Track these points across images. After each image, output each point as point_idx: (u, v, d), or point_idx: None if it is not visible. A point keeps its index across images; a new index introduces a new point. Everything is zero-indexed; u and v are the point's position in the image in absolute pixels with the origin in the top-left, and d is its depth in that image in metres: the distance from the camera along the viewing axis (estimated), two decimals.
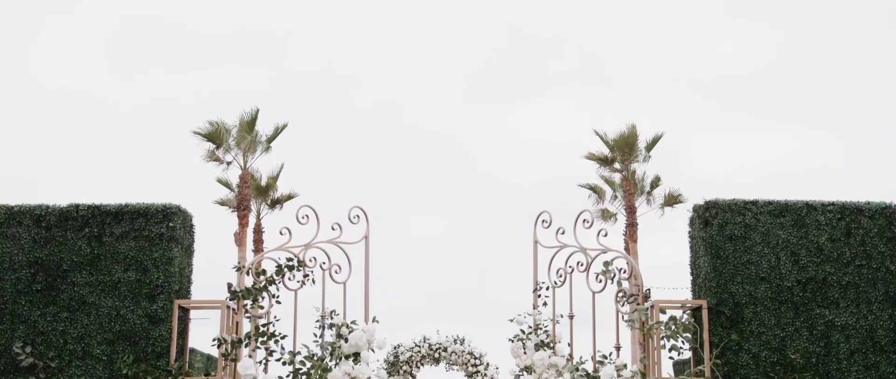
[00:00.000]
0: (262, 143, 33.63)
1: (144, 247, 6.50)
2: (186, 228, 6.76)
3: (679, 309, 6.54)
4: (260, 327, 6.58)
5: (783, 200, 6.56)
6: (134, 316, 6.36)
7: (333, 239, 7.28)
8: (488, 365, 24.18)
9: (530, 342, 7.46)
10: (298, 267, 7.05)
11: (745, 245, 6.46)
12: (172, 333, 6.40)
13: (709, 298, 6.41)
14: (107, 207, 6.58)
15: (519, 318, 7.54)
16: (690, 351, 6.58)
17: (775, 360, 6.21)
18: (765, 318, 6.28)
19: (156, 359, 6.30)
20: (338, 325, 7.24)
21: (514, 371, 7.45)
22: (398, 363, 23.91)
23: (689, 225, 6.91)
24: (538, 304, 7.74)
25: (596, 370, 6.87)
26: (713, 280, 6.42)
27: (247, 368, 6.26)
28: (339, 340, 7.18)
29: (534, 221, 7.86)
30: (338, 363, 7.11)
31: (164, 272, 6.45)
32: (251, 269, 6.75)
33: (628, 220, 27.53)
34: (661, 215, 29.42)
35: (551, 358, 7.24)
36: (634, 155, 31.07)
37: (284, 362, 6.70)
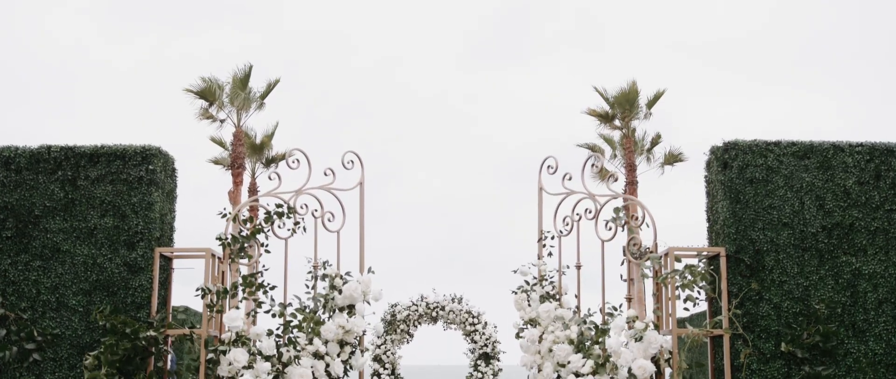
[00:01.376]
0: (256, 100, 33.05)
1: (122, 191, 6.04)
2: (168, 171, 6.30)
3: (695, 258, 6.13)
4: (248, 277, 6.16)
5: (808, 141, 6.12)
6: (112, 265, 5.92)
7: (326, 185, 6.84)
8: (487, 324, 23.96)
9: (535, 294, 7.06)
10: (289, 214, 6.63)
11: (766, 189, 6.02)
12: (153, 283, 5.98)
13: (727, 246, 6.00)
14: (81, 149, 6.11)
15: (523, 268, 7.14)
16: (707, 302, 6.18)
17: (798, 310, 5.81)
18: (787, 266, 5.87)
19: (136, 310, 5.89)
20: (331, 276, 6.83)
21: (517, 324, 7.06)
22: (395, 322, 23.66)
23: (705, 168, 6.47)
24: (543, 254, 7.33)
25: (605, 323, 6.48)
26: (732, 226, 6.00)
27: (233, 320, 5.86)
28: (332, 291, 6.78)
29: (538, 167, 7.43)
30: (331, 316, 6.72)
31: (144, 218, 6.01)
32: (238, 215, 6.31)
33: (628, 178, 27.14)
34: (662, 174, 28.98)
35: (557, 310, 6.85)
36: (635, 112, 30.57)
37: (274, 314, 6.29)
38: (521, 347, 6.98)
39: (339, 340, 6.53)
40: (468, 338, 23.67)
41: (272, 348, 6.04)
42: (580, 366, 6.24)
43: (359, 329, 6.54)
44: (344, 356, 6.55)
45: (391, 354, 23.41)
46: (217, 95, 31.12)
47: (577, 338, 6.51)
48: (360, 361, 6.62)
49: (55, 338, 5.85)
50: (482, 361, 23.55)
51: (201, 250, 6.14)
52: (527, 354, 6.93)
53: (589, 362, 6.17)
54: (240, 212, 6.34)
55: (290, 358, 6.16)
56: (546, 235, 7.31)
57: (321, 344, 6.42)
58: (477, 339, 23.49)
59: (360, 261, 7.00)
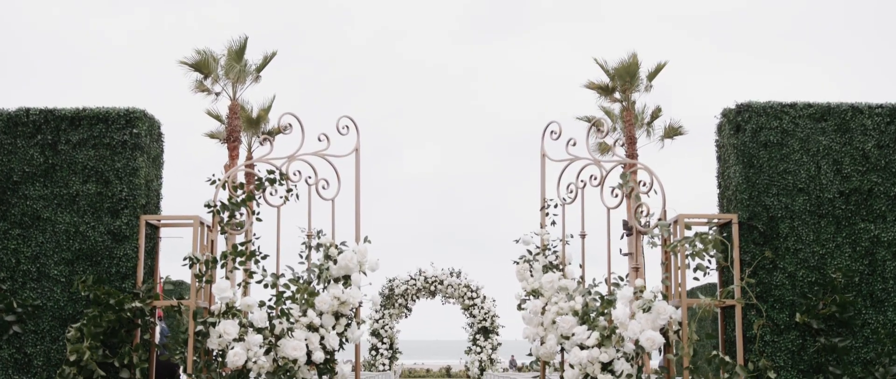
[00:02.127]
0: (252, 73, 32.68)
1: (105, 156, 5.75)
2: (153, 135, 6.01)
3: (705, 225, 5.86)
4: (238, 246, 5.89)
5: (825, 103, 5.83)
6: (95, 233, 5.65)
7: (320, 151, 6.56)
8: (485, 298, 23.80)
9: (538, 264, 6.80)
10: (281, 181, 6.35)
11: (781, 153, 5.74)
12: (139, 252, 5.71)
13: (740, 212, 5.73)
14: (61, 112, 5.81)
15: (525, 237, 6.87)
16: (717, 272, 5.93)
17: (814, 279, 5.56)
18: (802, 233, 5.61)
19: (121, 280, 5.62)
20: (325, 245, 6.56)
21: (519, 295, 6.81)
22: (393, 296, 23.49)
23: (716, 132, 6.19)
24: (546, 223, 7.07)
25: (611, 293, 6.23)
26: (745, 192, 5.73)
27: (223, 291, 5.60)
28: (327, 261, 6.51)
29: (541, 133, 7.15)
30: (326, 287, 6.46)
31: (129, 184, 5.72)
32: (227, 182, 6.03)
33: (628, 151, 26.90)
34: (661, 148, 28.74)
35: (561, 281, 6.59)
36: (635, 84, 30.24)
37: (266, 285, 6.03)
38: (524, 319, 6.74)
39: (335, 311, 6.29)
40: (467, 312, 23.50)
41: (264, 320, 5.79)
42: (585, 338, 5.99)
43: (354, 300, 6.29)
44: (339, 328, 6.30)
45: (389, 329, 23.25)
46: (212, 68, 30.74)
47: (582, 309, 6.26)
48: (356, 333, 6.38)
49: (36, 309, 5.59)
50: (481, 335, 23.40)
51: (189, 218, 5.87)
52: (529, 326, 6.69)
53: (594, 334, 5.93)
54: (230, 178, 6.06)
55: (283, 330, 5.91)
56: (549, 203, 7.04)
57: (315, 316, 6.17)
58: (476, 313, 23.33)
59: (356, 230, 6.74)
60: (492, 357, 23.07)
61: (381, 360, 22.69)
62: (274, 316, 5.90)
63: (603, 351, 5.85)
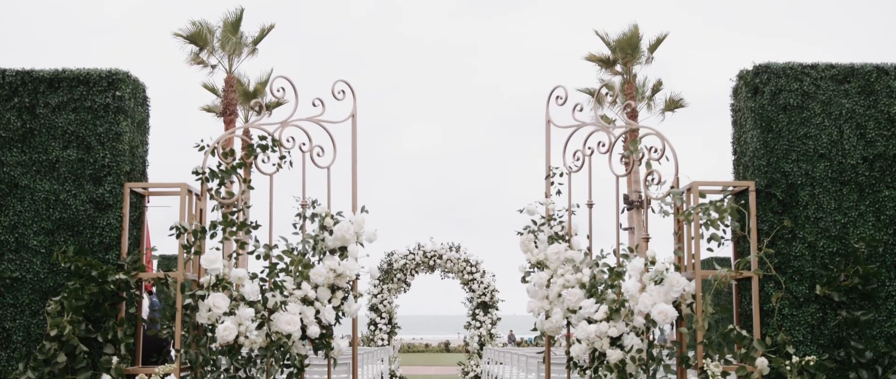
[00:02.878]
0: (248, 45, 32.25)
1: (86, 120, 5.43)
2: (137, 99, 5.68)
3: (720, 193, 5.56)
4: (229, 215, 5.60)
5: (848, 63, 5.51)
6: (76, 201, 5.34)
7: (315, 117, 6.24)
8: (485, 273, 23.56)
9: (543, 234, 6.51)
10: (273, 147, 6.04)
11: (801, 116, 5.43)
12: (123, 222, 5.41)
13: (757, 179, 5.43)
14: (39, 73, 5.48)
15: (530, 207, 6.57)
16: (732, 242, 5.64)
17: (835, 249, 5.27)
18: (823, 201, 5.31)
19: (104, 252, 5.32)
20: (321, 215, 6.27)
21: (523, 267, 6.53)
22: (392, 271, 23.25)
23: (732, 95, 5.88)
24: (551, 192, 6.77)
25: (620, 265, 5.94)
26: (763, 158, 5.42)
27: (212, 262, 5.30)
28: (322, 232, 6.22)
29: (546, 98, 6.83)
30: (321, 259, 6.18)
31: (112, 150, 5.41)
32: (217, 147, 5.72)
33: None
34: (662, 120, 28.40)
35: (567, 252, 6.31)
36: (637, 56, 29.84)
37: (258, 256, 5.74)
38: (528, 292, 6.46)
39: (330, 284, 6.00)
40: (466, 287, 23.27)
41: (256, 293, 5.51)
42: (592, 312, 5.72)
43: (351, 273, 6.01)
44: (335, 302, 6.03)
45: (388, 303, 23.04)
46: (207, 40, 30.31)
47: (589, 282, 5.99)
48: (354, 307, 6.10)
49: (15, 282, 5.29)
50: (480, 310, 23.20)
51: (176, 185, 5.56)
52: (534, 299, 6.41)
53: (602, 307, 5.65)
54: (219, 144, 5.74)
55: (277, 304, 5.63)
56: (554, 172, 6.74)
57: (310, 289, 5.88)
58: (475, 288, 23.09)
59: (353, 199, 6.44)
60: (491, 332, 22.89)
61: (379, 334, 22.51)
62: (267, 289, 5.62)
63: (612, 325, 5.58)
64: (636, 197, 27.82)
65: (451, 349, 44.03)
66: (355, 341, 6.46)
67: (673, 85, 32.98)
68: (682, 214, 5.47)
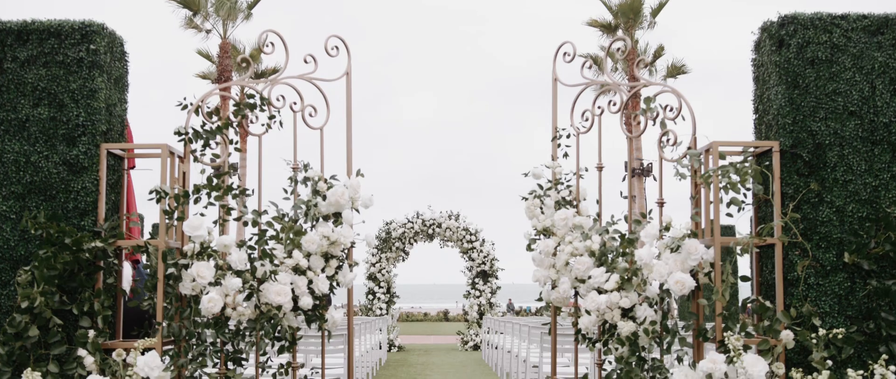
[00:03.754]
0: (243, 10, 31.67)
1: (58, 76, 5.02)
2: (114, 53, 5.27)
3: (740, 155, 5.18)
4: (213, 179, 5.21)
5: (882, 14, 5.10)
6: (48, 164, 4.96)
7: (306, 74, 5.84)
8: (484, 241, 23.24)
9: (549, 199, 6.14)
10: (262, 106, 5.65)
11: (831, 71, 5.04)
12: (100, 185, 5.02)
13: (782, 139, 5.05)
14: (5, 25, 5.05)
15: (535, 170, 6.20)
16: (753, 207, 5.27)
17: (865, 214, 4.90)
18: (853, 162, 4.93)
19: (79, 217, 4.94)
20: (313, 179, 5.89)
21: (528, 234, 6.16)
22: (390, 240, 22.94)
23: (753, 50, 5.47)
24: (558, 154, 6.40)
25: (632, 231, 5.58)
26: (788, 116, 5.03)
27: (195, 229, 4.93)
28: (315, 197, 5.85)
29: (553, 55, 6.43)
30: (314, 225, 5.81)
31: (86, 108, 5.01)
32: (201, 106, 5.32)
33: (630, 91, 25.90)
34: None
35: (575, 218, 5.94)
36: (639, 21, 29.30)
37: (246, 222, 5.37)
38: (534, 261, 6.10)
39: (324, 252, 5.64)
40: (465, 256, 22.99)
41: (244, 262, 5.15)
42: (603, 281, 5.37)
43: (346, 240, 5.64)
44: (329, 271, 5.67)
45: (386, 273, 22.76)
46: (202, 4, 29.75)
47: (599, 249, 5.63)
48: (349, 276, 5.74)
49: None
50: (480, 279, 22.93)
51: (156, 146, 5.17)
52: (539, 268, 6.06)
53: (613, 277, 5.30)
54: (203, 102, 5.35)
55: (266, 273, 5.28)
56: (561, 133, 6.36)
57: (302, 257, 5.52)
58: (475, 257, 22.81)
59: (348, 162, 6.06)
60: (491, 301, 22.64)
61: (378, 304, 22.25)
62: (255, 258, 5.26)
63: (623, 295, 5.23)
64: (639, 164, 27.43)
65: (450, 318, 43.94)
66: (350, 313, 6.12)
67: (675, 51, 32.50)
68: (700, 177, 5.09)
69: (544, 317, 21.19)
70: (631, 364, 5.20)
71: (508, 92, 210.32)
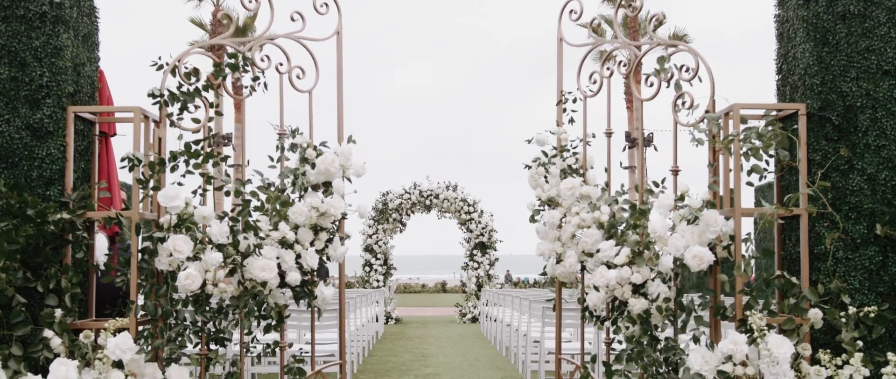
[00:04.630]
0: None
1: (19, 32, 4.59)
2: (82, 8, 4.83)
3: (762, 118, 4.78)
4: (191, 145, 4.80)
5: None
6: (10, 128, 4.54)
7: (294, 32, 5.42)
8: (482, 212, 22.86)
9: (554, 168, 5.75)
10: (245, 67, 5.23)
11: (863, 26, 4.62)
12: (67, 152, 4.61)
13: (809, 101, 4.65)
14: None
15: (540, 136, 5.80)
16: (776, 175, 4.88)
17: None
18: (887, 126, 4.53)
19: (44, 187, 4.54)
20: (302, 145, 5.50)
21: (532, 205, 5.78)
22: (387, 211, 22.56)
23: (777, 4, 5.04)
24: (563, 120, 6.00)
25: (644, 201, 5.19)
26: (816, 76, 4.62)
27: (171, 199, 4.53)
28: (303, 165, 5.45)
29: (558, 14, 6.00)
30: (302, 195, 5.42)
31: (50, 68, 4.58)
32: (178, 66, 4.90)
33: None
34: None
35: (583, 187, 5.56)
36: None
37: (228, 193, 4.97)
38: (537, 233, 5.73)
39: (313, 224, 5.26)
40: (463, 227, 22.62)
41: (225, 235, 4.76)
42: (612, 255, 4.99)
43: (336, 211, 5.25)
44: (319, 245, 5.29)
45: (383, 244, 22.41)
46: None
47: (609, 221, 5.25)
48: (340, 250, 5.36)
49: None
50: (478, 250, 22.58)
51: (128, 109, 4.76)
52: (544, 241, 5.69)
53: (624, 250, 4.92)
54: (181, 62, 4.92)
55: (250, 247, 4.89)
56: (567, 97, 5.96)
57: (289, 230, 5.14)
58: (473, 228, 22.44)
59: (339, 128, 5.65)
60: (489, 273, 22.33)
61: (375, 276, 21.92)
62: (238, 230, 4.86)
63: (635, 270, 4.86)
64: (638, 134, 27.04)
65: (448, 290, 43.73)
66: (342, 289, 5.75)
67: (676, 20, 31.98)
68: (719, 142, 4.69)
69: (543, 289, 20.88)
70: (642, 344, 4.84)
71: (508, 63, 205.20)
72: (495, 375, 10.47)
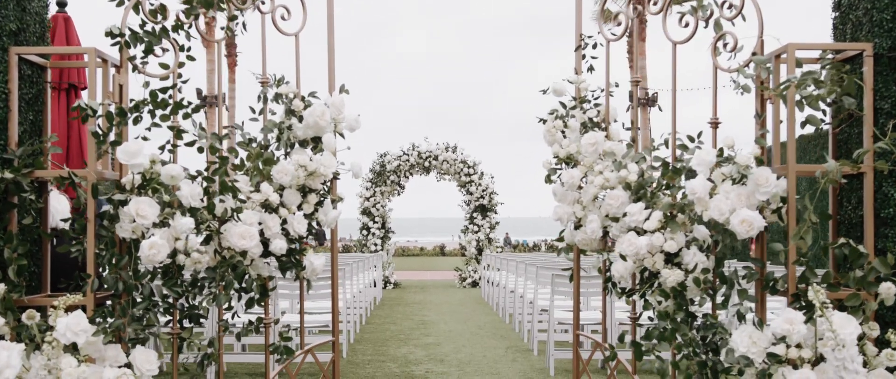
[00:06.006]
0: None
1: None
2: None
3: (817, 62, 4.12)
4: (158, 93, 4.14)
5: None
6: None
7: None
8: (483, 174, 22.20)
9: (574, 121, 5.10)
10: (220, 4, 4.55)
11: None
12: (9, 100, 3.95)
13: (877, 41, 3.99)
14: None
15: (557, 86, 5.14)
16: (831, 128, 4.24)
17: None
18: None
19: None
20: (288, 96, 4.84)
21: (548, 163, 5.14)
22: (385, 173, 21.90)
23: None
24: (582, 68, 5.33)
25: (678, 158, 4.54)
26: (887, 10, 3.96)
27: (133, 155, 3.88)
28: (289, 117, 4.81)
29: None
30: (288, 152, 4.78)
31: None
32: (141, 1, 4.21)
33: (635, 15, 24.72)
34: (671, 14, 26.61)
35: (606, 143, 4.91)
36: None
37: (201, 149, 4.32)
38: (554, 195, 5.10)
39: (300, 185, 4.63)
40: (463, 189, 21.98)
41: (199, 197, 4.13)
42: (641, 220, 4.36)
43: (327, 170, 4.62)
44: (308, 208, 4.67)
45: (381, 207, 21.79)
46: None
47: (637, 181, 4.61)
48: (332, 214, 4.74)
49: None
50: (478, 213, 21.98)
51: (82, 50, 4.08)
52: (562, 203, 5.06)
53: (655, 214, 4.29)
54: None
55: (227, 211, 4.26)
56: (586, 41, 5.29)
57: (273, 192, 4.51)
58: (473, 190, 21.80)
59: (329, 77, 5.00)
60: (490, 237, 21.76)
61: (372, 240, 21.34)
62: (214, 192, 4.22)
63: (669, 237, 4.23)
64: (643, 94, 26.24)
65: (447, 253, 43.26)
66: (335, 257, 5.13)
67: None
68: (771, 89, 4.03)
69: (548, 254, 20.31)
70: (677, 321, 4.23)
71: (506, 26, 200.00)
72: (499, 344, 9.92)
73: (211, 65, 31.02)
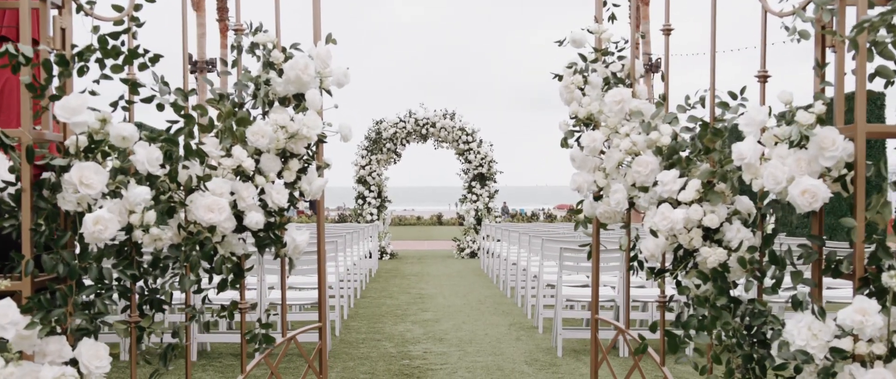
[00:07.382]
0: None
1: None
2: None
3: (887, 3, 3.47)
4: (109, 38, 3.47)
5: None
6: None
7: None
8: (482, 142, 21.55)
9: (595, 76, 4.45)
10: None
11: None
12: None
13: None
14: None
15: (575, 35, 4.48)
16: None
17: None
18: None
19: None
20: (265, 46, 4.19)
21: (565, 124, 4.50)
22: (381, 140, 21.23)
23: None
24: (603, 16, 4.68)
25: (719, 118, 3.90)
26: None
27: (74, 112, 3.23)
28: (268, 71, 4.15)
29: None
30: (267, 112, 4.14)
31: None
32: None
33: None
34: None
35: (633, 101, 4.27)
36: None
37: (162, 106, 3.67)
38: (573, 161, 4.46)
39: (280, 149, 3.99)
40: (461, 157, 21.33)
41: (158, 162, 3.48)
42: (675, 189, 3.74)
43: (311, 132, 3.98)
44: (289, 176, 4.03)
45: (377, 175, 21.17)
46: None
47: (670, 145, 3.98)
48: (317, 183, 4.10)
49: None
50: (477, 182, 21.36)
51: None
52: (581, 170, 4.43)
53: (692, 183, 3.67)
54: None
55: (192, 179, 3.63)
56: None
57: (248, 157, 3.88)
58: (471, 158, 21.15)
59: (314, 25, 4.35)
60: (489, 206, 21.18)
61: (368, 209, 20.74)
62: (177, 157, 3.58)
63: (709, 210, 3.62)
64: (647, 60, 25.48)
65: (444, 222, 42.72)
66: (321, 231, 4.52)
67: None
68: (836, 36, 3.38)
69: (548, 224, 19.73)
70: (718, 307, 3.63)
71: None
72: (502, 321, 9.35)
73: (202, 28, 30.02)
